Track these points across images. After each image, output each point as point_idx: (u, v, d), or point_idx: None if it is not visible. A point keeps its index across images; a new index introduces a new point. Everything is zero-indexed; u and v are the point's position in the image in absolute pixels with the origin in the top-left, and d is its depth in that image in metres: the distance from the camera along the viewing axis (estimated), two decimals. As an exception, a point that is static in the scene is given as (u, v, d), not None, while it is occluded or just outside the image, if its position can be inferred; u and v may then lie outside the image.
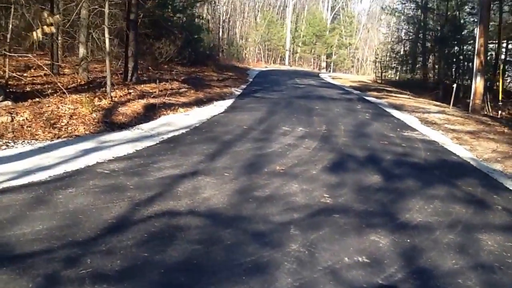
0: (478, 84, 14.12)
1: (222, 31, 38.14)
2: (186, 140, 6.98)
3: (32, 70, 10.63)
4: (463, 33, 23.38)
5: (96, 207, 3.99)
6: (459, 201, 5.06)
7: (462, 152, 7.86)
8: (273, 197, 4.67)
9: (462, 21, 23.63)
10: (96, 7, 10.01)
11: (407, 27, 28.24)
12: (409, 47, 29.23)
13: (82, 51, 10.84)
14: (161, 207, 4.14)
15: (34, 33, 6.82)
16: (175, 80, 12.90)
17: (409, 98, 17.42)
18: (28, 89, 8.49)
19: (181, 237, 3.54)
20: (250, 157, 6.18)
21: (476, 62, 14.20)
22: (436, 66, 25.76)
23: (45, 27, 6.71)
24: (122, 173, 5.03)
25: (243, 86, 16.56)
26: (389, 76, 30.48)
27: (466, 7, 22.34)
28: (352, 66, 50.95)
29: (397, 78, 29.24)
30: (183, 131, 7.64)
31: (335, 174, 5.66)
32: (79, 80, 10.13)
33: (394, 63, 29.70)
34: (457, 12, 23.29)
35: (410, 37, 28.75)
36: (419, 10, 26.63)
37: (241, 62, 35.36)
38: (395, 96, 17.51)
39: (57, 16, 7.71)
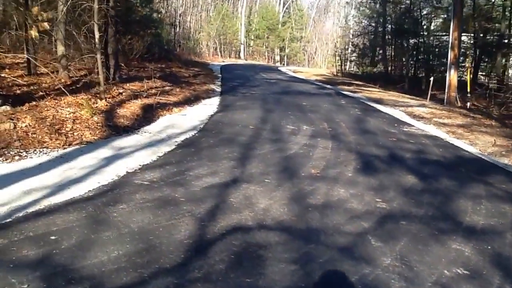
0: (452, 77, 14.54)
1: (178, 26, 37.17)
2: (202, 143, 6.66)
3: (7, 70, 9.79)
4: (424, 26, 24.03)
5: (161, 226, 3.68)
6: (504, 200, 5.10)
7: (467, 147, 8.02)
8: (330, 204, 4.52)
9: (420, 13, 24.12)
10: (82, 2, 9.28)
11: (367, 20, 28.63)
12: (369, 40, 29.72)
13: (61, 49, 10.10)
14: (227, 222, 3.88)
15: (31, 31, 6.18)
16: (156, 78, 12.33)
17: (381, 92, 17.73)
18: (18, 91, 7.78)
19: (270, 257, 3.31)
20: (278, 160, 5.98)
21: (450, 55, 14.61)
22: (396, 59, 26.38)
23: (44, 23, 6.08)
24: (164, 184, 4.71)
25: (218, 83, 16.23)
26: (350, 69, 30.95)
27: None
28: (305, 59, 51.36)
29: (357, 71, 29.69)
30: (192, 133, 7.31)
31: (369, 175, 5.59)
32: (63, 80, 9.43)
33: (354, 56, 30.16)
34: (417, 6, 23.86)
35: (370, 31, 29.24)
36: (378, 3, 27.10)
37: (198, 56, 34.71)
38: (368, 90, 17.77)
39: (49, 12, 7.02)
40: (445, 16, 21.49)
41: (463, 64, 19.65)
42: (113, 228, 3.57)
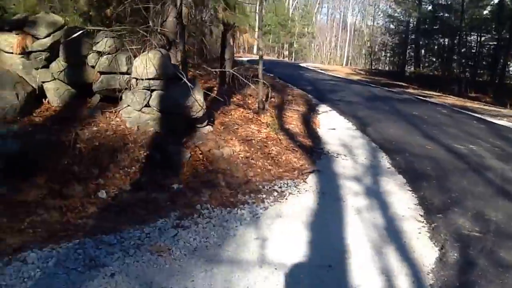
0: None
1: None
2: (423, 173, 6.15)
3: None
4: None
5: None
6: None
7: None
8: None
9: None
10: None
11: (401, 16, 28.20)
12: (398, 38, 29.44)
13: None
14: None
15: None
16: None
17: (450, 96, 17.45)
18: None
19: None
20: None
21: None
22: (434, 59, 26.12)
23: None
24: None
25: (289, 85, 15.56)
26: (381, 67, 30.68)
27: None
28: (312, 55, 51.07)
29: (387, 69, 29.43)
30: (383, 154, 6.81)
31: None
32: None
33: (385, 55, 29.91)
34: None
35: (402, 30, 28.94)
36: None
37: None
38: (437, 95, 17.47)
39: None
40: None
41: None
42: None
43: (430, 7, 25.59)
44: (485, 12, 22.07)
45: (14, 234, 3.49)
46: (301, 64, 34.07)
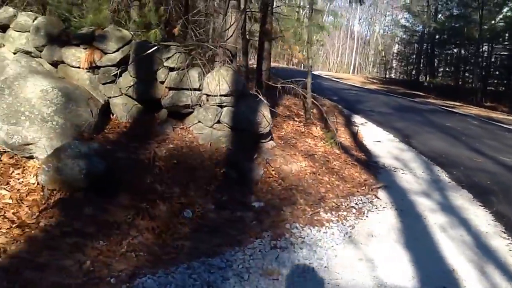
0: None
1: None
2: (488, 185, 6.07)
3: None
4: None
5: None
6: None
7: None
8: None
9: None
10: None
11: (415, 26, 28.25)
12: (411, 48, 29.48)
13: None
14: None
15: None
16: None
17: (471, 106, 17.39)
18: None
19: None
20: None
21: None
22: (448, 69, 26.11)
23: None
24: None
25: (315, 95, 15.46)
26: (393, 75, 30.68)
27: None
28: (321, 63, 51.12)
29: (401, 78, 29.42)
30: (447, 174, 6.70)
31: None
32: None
33: (398, 64, 29.92)
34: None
35: (415, 40, 29.00)
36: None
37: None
38: (459, 105, 17.41)
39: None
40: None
41: None
42: None
43: (443, 18, 25.60)
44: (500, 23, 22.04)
45: (119, 258, 3.39)
46: (313, 72, 33.96)
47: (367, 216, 4.72)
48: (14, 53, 5.51)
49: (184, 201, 4.38)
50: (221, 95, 5.06)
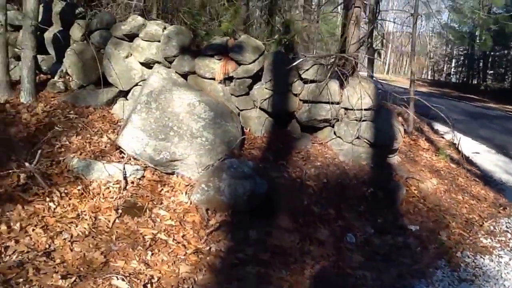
0: None
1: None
2: None
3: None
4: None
5: None
6: None
7: None
8: None
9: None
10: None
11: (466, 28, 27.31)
12: (462, 50, 28.52)
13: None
14: None
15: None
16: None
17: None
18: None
19: None
20: None
21: None
22: (504, 72, 25.13)
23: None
24: None
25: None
26: (442, 79, 29.86)
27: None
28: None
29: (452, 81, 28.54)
30: None
31: None
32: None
33: (448, 66, 29.09)
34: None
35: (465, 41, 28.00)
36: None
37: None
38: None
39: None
40: None
41: None
42: None
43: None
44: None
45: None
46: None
47: (526, 241, 4.43)
48: (142, 64, 5.39)
49: (341, 223, 4.19)
50: (362, 109, 4.83)
